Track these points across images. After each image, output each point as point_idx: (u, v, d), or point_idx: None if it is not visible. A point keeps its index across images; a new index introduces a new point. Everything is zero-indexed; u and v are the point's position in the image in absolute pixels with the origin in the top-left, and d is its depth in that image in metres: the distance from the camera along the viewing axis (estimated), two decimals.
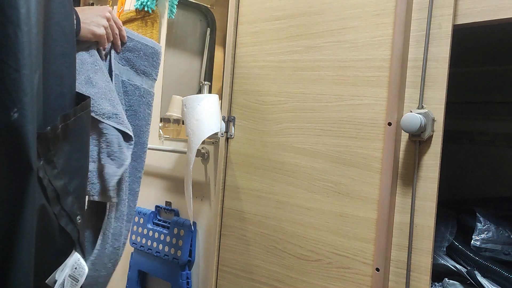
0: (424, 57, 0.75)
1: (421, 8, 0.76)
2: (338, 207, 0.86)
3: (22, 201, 0.54)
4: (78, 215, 0.68)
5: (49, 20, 0.62)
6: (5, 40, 0.52)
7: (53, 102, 0.63)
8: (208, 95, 1.09)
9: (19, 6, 0.53)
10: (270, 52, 0.99)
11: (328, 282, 0.87)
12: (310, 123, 0.91)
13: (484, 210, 0.96)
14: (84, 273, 0.70)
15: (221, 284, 1.07)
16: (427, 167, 0.75)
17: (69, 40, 0.68)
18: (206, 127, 1.05)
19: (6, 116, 0.52)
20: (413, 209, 0.76)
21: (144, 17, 1.53)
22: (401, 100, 0.78)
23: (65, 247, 0.67)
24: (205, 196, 1.32)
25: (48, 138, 0.59)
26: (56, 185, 0.61)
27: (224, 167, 1.07)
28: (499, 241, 0.90)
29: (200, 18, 1.69)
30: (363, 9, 0.84)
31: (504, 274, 0.82)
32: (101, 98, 0.83)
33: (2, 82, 0.52)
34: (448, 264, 0.87)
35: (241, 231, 1.03)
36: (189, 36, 1.63)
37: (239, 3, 1.07)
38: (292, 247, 0.93)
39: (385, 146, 0.78)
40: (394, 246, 0.79)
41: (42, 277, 0.62)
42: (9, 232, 0.53)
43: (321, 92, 0.90)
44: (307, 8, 0.93)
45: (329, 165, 0.88)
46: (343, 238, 0.85)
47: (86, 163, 0.73)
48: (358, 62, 0.84)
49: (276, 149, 0.97)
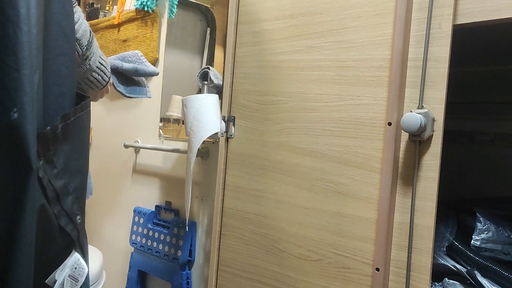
0: (424, 57, 0.75)
1: (421, 8, 0.76)
2: (338, 207, 0.86)
3: (22, 201, 0.54)
4: (78, 215, 0.68)
5: (49, 20, 0.62)
6: (5, 40, 0.52)
7: (53, 102, 0.63)
8: (208, 95, 1.10)
9: (19, 6, 0.53)
10: (270, 52, 0.99)
11: (328, 282, 0.87)
12: (310, 123, 0.91)
13: (484, 210, 0.96)
14: (84, 273, 0.70)
15: (221, 284, 1.07)
16: (427, 167, 0.75)
17: (69, 40, 0.68)
18: (206, 127, 1.05)
19: (6, 116, 0.52)
20: (413, 209, 0.76)
21: (144, 17, 1.54)
22: (401, 100, 0.78)
23: (65, 247, 0.67)
24: (205, 196, 1.32)
25: (48, 138, 0.59)
26: (56, 185, 0.61)
27: (224, 167, 1.07)
28: (499, 241, 0.90)
29: (200, 18, 1.68)
30: (363, 9, 0.84)
31: (504, 274, 0.82)
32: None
33: (2, 82, 0.52)
34: (448, 264, 0.87)
35: (241, 230, 1.03)
36: (189, 36, 1.63)
37: (239, 3, 1.07)
38: (292, 247, 0.93)
39: (385, 146, 0.78)
40: (394, 246, 0.79)
41: (42, 277, 0.62)
42: (9, 232, 0.53)
43: (321, 92, 0.90)
44: (307, 8, 0.93)
45: (329, 165, 0.88)
46: (343, 238, 0.85)
47: (86, 163, 0.73)
48: (358, 62, 0.84)
49: (276, 149, 0.97)
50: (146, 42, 1.53)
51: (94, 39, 0.94)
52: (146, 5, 1.49)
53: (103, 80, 1.00)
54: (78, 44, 0.85)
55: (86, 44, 0.88)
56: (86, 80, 0.97)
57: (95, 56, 0.93)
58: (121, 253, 1.63)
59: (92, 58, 0.92)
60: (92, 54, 0.92)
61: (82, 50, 0.88)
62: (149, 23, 1.53)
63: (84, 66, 0.92)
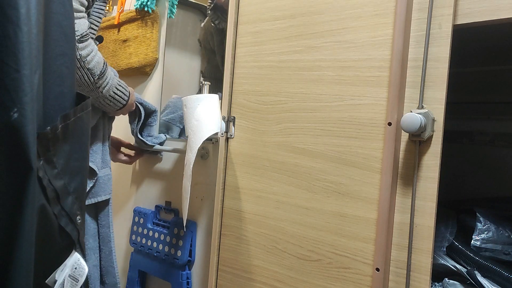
0: (424, 57, 0.75)
1: (421, 8, 0.76)
2: (338, 207, 0.86)
3: (22, 201, 0.54)
4: (78, 215, 0.68)
5: (49, 20, 0.62)
6: (5, 40, 0.52)
7: (53, 102, 0.63)
8: (208, 95, 1.09)
9: (19, 6, 0.53)
10: (270, 52, 0.99)
11: (328, 282, 0.87)
12: (310, 123, 0.91)
13: (484, 210, 0.96)
14: (84, 273, 0.70)
15: (221, 284, 1.07)
16: (427, 167, 0.75)
17: (69, 40, 0.68)
18: (206, 127, 1.05)
19: (6, 116, 0.52)
20: (413, 209, 0.76)
21: (144, 17, 1.53)
22: (401, 100, 0.78)
23: (65, 247, 0.67)
24: (205, 196, 1.32)
25: (48, 138, 0.59)
26: (56, 185, 0.61)
27: (224, 167, 1.07)
28: (499, 241, 0.90)
29: (200, 18, 1.68)
30: (363, 9, 0.84)
31: (504, 274, 0.82)
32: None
33: (2, 82, 0.52)
34: (448, 264, 0.87)
35: (241, 231, 1.03)
36: (189, 36, 1.63)
37: (239, 3, 1.07)
38: (292, 247, 0.93)
39: (385, 146, 0.78)
40: (394, 246, 0.79)
41: (42, 277, 0.62)
42: (9, 232, 0.53)
43: (321, 92, 0.90)
44: (307, 8, 0.93)
45: (329, 165, 0.88)
46: (343, 238, 0.85)
47: (86, 163, 0.73)
48: (358, 62, 0.84)
49: (276, 149, 0.97)
50: (146, 42, 1.53)
51: (108, 70, 1.02)
52: (146, 5, 1.49)
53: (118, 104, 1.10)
54: (90, 73, 0.94)
55: (98, 74, 0.97)
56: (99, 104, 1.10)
57: (109, 85, 1.03)
58: (121, 253, 1.63)
59: (106, 87, 1.02)
60: (106, 84, 1.01)
61: (94, 78, 0.96)
62: (149, 23, 1.53)
63: (96, 92, 1.01)
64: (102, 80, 1.01)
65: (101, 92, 1.02)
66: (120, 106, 1.13)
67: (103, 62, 1.01)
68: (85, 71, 0.96)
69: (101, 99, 1.06)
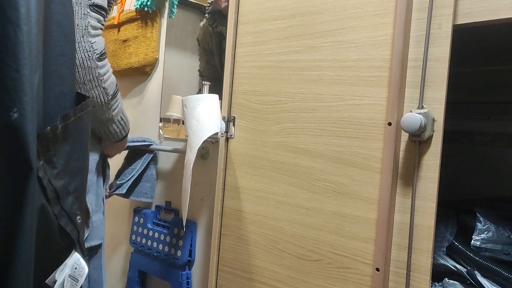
0: (424, 57, 0.75)
1: (421, 8, 0.76)
2: (338, 207, 0.86)
3: (22, 201, 0.54)
4: (78, 215, 0.68)
5: (49, 20, 0.62)
6: (5, 40, 0.52)
7: (53, 102, 0.64)
8: (208, 95, 1.09)
9: (19, 6, 0.53)
10: (270, 52, 0.99)
11: (328, 282, 0.87)
12: (310, 123, 0.91)
13: (484, 210, 0.96)
14: (84, 273, 0.70)
15: (221, 284, 1.07)
16: (427, 167, 0.75)
17: (69, 40, 0.68)
18: (206, 127, 1.05)
19: (6, 116, 0.52)
20: (413, 209, 0.76)
21: (144, 17, 1.54)
22: (401, 100, 0.78)
23: (65, 247, 0.67)
24: (205, 196, 1.32)
25: (48, 138, 0.59)
26: (56, 185, 0.61)
27: (224, 167, 1.07)
28: (499, 241, 0.90)
29: (200, 18, 1.68)
30: (363, 9, 0.84)
31: (504, 274, 0.82)
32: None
33: (2, 82, 0.52)
34: (448, 264, 0.87)
35: (241, 231, 1.03)
36: (189, 36, 1.63)
37: (239, 3, 1.07)
38: (292, 247, 0.93)
39: (385, 146, 0.78)
40: (394, 246, 0.79)
41: (42, 277, 0.62)
42: (9, 232, 0.53)
43: (321, 92, 0.90)
44: (307, 8, 0.93)
45: (329, 165, 0.88)
46: (343, 238, 0.85)
47: (86, 163, 0.73)
48: (358, 62, 0.84)
49: (276, 149, 0.97)
50: (146, 42, 1.53)
51: (119, 93, 1.00)
52: (146, 5, 1.49)
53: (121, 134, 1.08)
54: (105, 92, 0.93)
55: (112, 94, 0.96)
56: (106, 129, 1.05)
57: (118, 108, 1.02)
58: (121, 253, 1.63)
59: (116, 109, 1.00)
60: (116, 106, 1.00)
61: (108, 98, 0.95)
62: (149, 23, 1.53)
63: (108, 114, 0.99)
64: (114, 100, 0.98)
65: (111, 114, 0.99)
66: (123, 135, 1.09)
67: (115, 82, 0.99)
68: (101, 90, 0.93)
69: (110, 123, 1.02)
